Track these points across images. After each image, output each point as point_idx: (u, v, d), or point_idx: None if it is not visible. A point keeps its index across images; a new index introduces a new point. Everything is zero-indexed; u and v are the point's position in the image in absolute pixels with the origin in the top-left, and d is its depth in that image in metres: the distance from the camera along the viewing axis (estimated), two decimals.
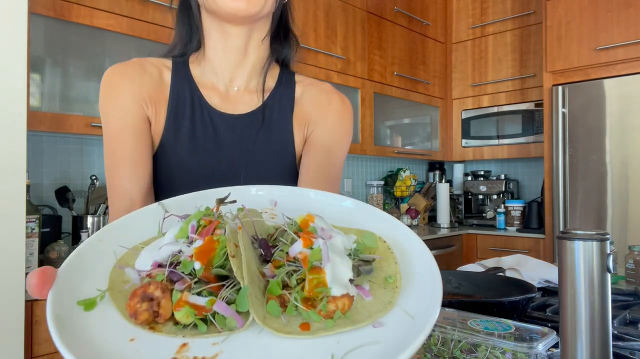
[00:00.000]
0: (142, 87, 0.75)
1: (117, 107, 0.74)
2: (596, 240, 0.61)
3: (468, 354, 0.71)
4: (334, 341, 0.36)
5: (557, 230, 2.78)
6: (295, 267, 0.41)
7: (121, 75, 0.75)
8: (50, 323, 0.35)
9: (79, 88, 1.80)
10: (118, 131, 0.74)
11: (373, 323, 0.37)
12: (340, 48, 2.79)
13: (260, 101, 0.80)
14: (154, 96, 0.76)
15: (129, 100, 0.74)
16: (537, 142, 3.19)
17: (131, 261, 0.44)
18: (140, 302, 0.37)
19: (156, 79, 0.77)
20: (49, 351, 1.41)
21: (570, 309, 0.62)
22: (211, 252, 0.40)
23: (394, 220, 0.50)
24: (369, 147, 2.99)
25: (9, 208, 1.30)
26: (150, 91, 0.76)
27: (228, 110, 0.79)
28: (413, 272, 0.43)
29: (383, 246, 0.47)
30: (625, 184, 2.55)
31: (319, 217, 0.45)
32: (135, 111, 0.75)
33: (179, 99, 0.77)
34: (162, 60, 0.81)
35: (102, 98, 0.76)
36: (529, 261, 1.50)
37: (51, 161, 1.98)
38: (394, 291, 0.41)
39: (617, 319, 0.99)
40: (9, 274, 1.29)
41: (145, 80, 0.76)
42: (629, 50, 2.56)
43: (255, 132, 0.78)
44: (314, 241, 0.42)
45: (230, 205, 0.50)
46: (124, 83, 0.75)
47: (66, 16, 1.73)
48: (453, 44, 3.61)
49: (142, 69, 0.77)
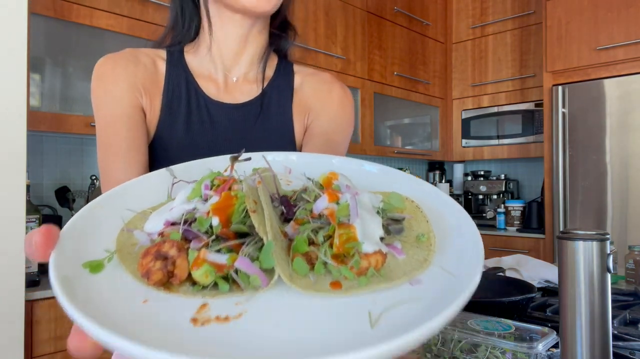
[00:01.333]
0: (135, 77, 0.73)
1: (109, 97, 0.72)
2: (596, 240, 0.61)
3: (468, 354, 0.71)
4: (369, 300, 0.33)
5: (557, 230, 2.78)
6: (321, 224, 0.38)
7: (113, 64, 0.73)
8: (55, 285, 0.31)
9: (79, 88, 1.80)
10: (111, 121, 0.71)
11: (410, 281, 0.35)
12: (340, 48, 2.79)
13: (259, 90, 0.78)
14: (149, 86, 0.74)
15: (122, 89, 0.72)
16: (537, 142, 3.19)
17: (139, 224, 0.41)
18: (154, 261, 0.34)
19: (150, 69, 0.76)
20: (49, 351, 1.41)
21: (570, 309, 0.62)
22: (229, 208, 0.37)
23: (423, 182, 0.47)
24: (369, 147, 2.99)
25: (9, 208, 1.30)
26: (145, 80, 0.74)
27: (226, 99, 0.77)
28: (447, 231, 0.40)
29: (411, 206, 0.44)
30: (625, 184, 2.55)
31: (342, 176, 0.43)
32: (128, 100, 0.72)
33: (175, 89, 0.75)
34: (156, 51, 0.79)
35: (93, 89, 0.73)
36: (529, 261, 1.50)
37: (51, 161, 1.98)
38: (428, 249, 0.38)
39: (617, 319, 0.99)
40: (9, 274, 1.29)
41: (140, 69, 0.74)
42: (629, 50, 2.56)
43: (254, 121, 0.77)
44: (340, 196, 0.39)
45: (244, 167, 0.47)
46: (117, 72, 0.73)
47: (66, 16, 1.73)
48: (453, 44, 3.61)
49: (135, 59, 0.75)
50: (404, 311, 0.31)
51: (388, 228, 0.40)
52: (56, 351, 1.42)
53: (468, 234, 0.38)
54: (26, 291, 1.34)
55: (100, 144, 0.72)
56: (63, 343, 1.43)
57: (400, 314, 0.31)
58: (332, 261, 0.35)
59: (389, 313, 0.31)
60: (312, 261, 0.36)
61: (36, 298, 1.38)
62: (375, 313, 0.31)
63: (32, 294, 1.37)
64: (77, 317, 0.29)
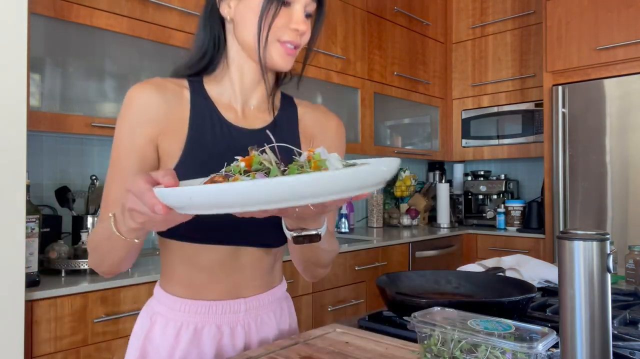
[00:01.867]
0: (159, 108, 0.84)
1: (130, 128, 0.83)
2: (596, 240, 0.61)
3: (468, 354, 0.71)
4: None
5: (557, 230, 2.78)
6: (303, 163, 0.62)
7: (140, 94, 0.84)
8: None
9: (79, 88, 1.80)
10: (126, 151, 0.83)
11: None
12: (340, 48, 2.79)
13: (271, 118, 0.93)
14: (175, 113, 0.85)
15: (143, 123, 0.83)
16: (537, 142, 3.19)
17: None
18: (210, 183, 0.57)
19: (177, 96, 0.87)
20: (49, 351, 1.41)
21: (570, 309, 0.62)
22: (251, 160, 0.61)
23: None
24: (369, 147, 2.99)
25: (9, 208, 1.30)
26: (171, 108, 0.85)
27: (244, 125, 0.90)
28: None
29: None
30: (625, 184, 2.55)
31: (322, 149, 0.64)
32: (147, 135, 0.83)
33: (199, 114, 0.86)
34: (179, 80, 0.90)
35: (120, 115, 0.84)
36: (529, 261, 1.50)
37: (51, 161, 1.98)
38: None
39: (617, 319, 0.99)
40: (9, 274, 1.29)
41: (168, 98, 0.85)
42: (629, 50, 2.56)
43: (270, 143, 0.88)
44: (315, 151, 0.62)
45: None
46: (143, 103, 0.83)
47: (66, 16, 1.73)
48: (453, 44, 3.61)
49: (164, 88, 0.86)
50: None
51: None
52: (56, 351, 1.42)
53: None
54: (26, 291, 1.34)
55: (112, 165, 0.84)
56: (63, 343, 1.43)
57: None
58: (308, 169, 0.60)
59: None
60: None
61: (36, 298, 1.38)
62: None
63: (32, 294, 1.37)
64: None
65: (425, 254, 2.86)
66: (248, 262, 0.90)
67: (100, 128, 1.80)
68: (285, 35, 0.83)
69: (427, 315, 0.80)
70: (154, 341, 0.88)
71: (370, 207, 3.33)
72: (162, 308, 0.89)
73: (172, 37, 2.02)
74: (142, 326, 0.91)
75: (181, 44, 2.05)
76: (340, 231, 2.95)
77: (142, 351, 0.88)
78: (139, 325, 0.92)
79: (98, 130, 1.80)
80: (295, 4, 0.83)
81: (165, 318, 0.88)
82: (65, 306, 1.44)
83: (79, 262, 1.61)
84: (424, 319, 0.78)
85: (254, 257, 0.90)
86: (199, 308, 0.87)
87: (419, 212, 3.42)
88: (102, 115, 1.85)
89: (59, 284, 1.47)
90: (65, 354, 1.44)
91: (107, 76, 1.88)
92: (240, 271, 0.89)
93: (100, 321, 1.49)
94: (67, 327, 1.44)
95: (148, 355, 0.88)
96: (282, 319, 0.97)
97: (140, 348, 0.88)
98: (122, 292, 1.55)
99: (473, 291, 1.20)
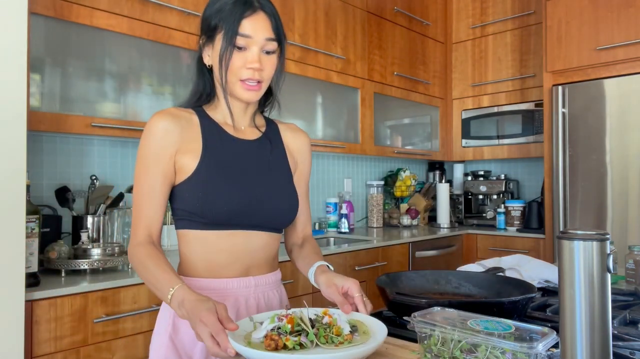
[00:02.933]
0: (174, 133, 1.04)
1: (154, 152, 1.02)
2: (596, 240, 0.61)
3: (468, 354, 0.71)
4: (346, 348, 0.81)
5: (557, 230, 2.78)
6: (325, 325, 0.85)
7: (158, 122, 1.03)
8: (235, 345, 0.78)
9: (79, 88, 1.80)
10: (153, 172, 1.02)
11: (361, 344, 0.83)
12: (340, 48, 2.79)
13: (260, 133, 1.16)
14: (189, 134, 1.06)
15: (164, 147, 1.03)
16: (537, 142, 3.18)
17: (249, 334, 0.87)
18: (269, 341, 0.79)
19: (189, 122, 1.08)
20: (49, 351, 1.41)
21: (570, 309, 0.62)
22: (292, 321, 0.83)
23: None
24: (369, 147, 2.99)
25: (9, 208, 1.30)
26: (185, 131, 1.06)
27: (243, 137, 1.13)
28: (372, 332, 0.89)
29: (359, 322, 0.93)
30: (625, 184, 2.55)
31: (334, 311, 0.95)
32: (167, 158, 1.03)
33: (208, 132, 1.08)
34: (187, 110, 1.11)
35: (142, 139, 1.04)
36: (529, 261, 1.50)
37: (51, 161, 1.98)
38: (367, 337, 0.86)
39: (617, 319, 0.99)
40: (9, 274, 1.29)
41: (182, 123, 1.06)
42: (629, 50, 2.56)
43: (269, 152, 1.14)
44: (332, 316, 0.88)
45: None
46: (161, 132, 1.03)
47: (66, 16, 1.73)
48: (453, 44, 3.61)
49: (178, 116, 1.06)
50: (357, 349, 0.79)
51: (351, 328, 0.86)
52: (56, 351, 1.42)
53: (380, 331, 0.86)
54: (26, 291, 1.34)
55: (138, 184, 1.03)
56: (63, 343, 1.43)
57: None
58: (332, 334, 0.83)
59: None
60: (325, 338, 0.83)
61: (36, 298, 1.38)
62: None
63: (32, 294, 1.37)
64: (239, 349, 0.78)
65: (425, 254, 2.86)
66: (258, 245, 1.10)
67: (100, 128, 1.80)
68: (243, 74, 1.03)
69: (427, 315, 0.80)
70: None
71: (370, 207, 3.33)
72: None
73: (172, 37, 2.02)
74: (167, 307, 1.06)
75: (181, 44, 2.05)
76: (340, 231, 2.95)
77: (174, 324, 1.04)
78: (166, 305, 1.06)
79: (98, 130, 1.80)
80: (252, 47, 1.02)
81: None
82: (65, 306, 1.44)
83: (79, 262, 1.61)
84: (424, 319, 0.78)
85: (263, 240, 1.11)
86: (219, 284, 1.06)
87: (419, 212, 3.42)
88: (102, 115, 1.85)
89: (59, 284, 1.47)
90: (65, 354, 1.44)
91: (107, 76, 1.88)
92: (251, 253, 1.10)
93: (100, 321, 1.49)
94: (67, 327, 1.44)
95: (180, 329, 1.04)
96: (282, 297, 1.18)
97: (171, 318, 1.04)
98: (122, 292, 1.55)
99: (473, 291, 1.20)
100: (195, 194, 1.03)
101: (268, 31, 1.03)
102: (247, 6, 1.01)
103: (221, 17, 1.02)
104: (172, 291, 0.90)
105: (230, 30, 1.00)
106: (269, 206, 1.09)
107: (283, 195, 1.13)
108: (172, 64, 2.07)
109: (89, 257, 1.67)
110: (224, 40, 1.01)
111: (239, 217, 1.06)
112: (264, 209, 1.08)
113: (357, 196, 3.39)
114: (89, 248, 1.69)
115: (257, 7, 1.02)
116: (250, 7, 1.02)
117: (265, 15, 1.03)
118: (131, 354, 1.57)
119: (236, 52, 1.02)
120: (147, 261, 0.98)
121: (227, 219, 1.05)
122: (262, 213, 1.08)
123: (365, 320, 0.92)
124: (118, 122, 1.87)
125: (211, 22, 1.04)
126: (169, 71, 2.06)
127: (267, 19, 1.03)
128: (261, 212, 1.08)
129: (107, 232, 1.92)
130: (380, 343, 0.81)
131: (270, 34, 1.03)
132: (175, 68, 2.08)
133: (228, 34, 1.00)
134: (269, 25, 1.03)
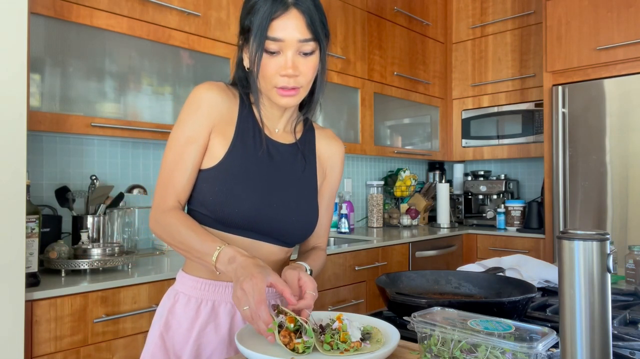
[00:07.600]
0: (217, 108, 0.99)
1: (194, 120, 0.97)
2: (596, 240, 0.61)
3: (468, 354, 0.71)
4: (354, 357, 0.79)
5: (557, 230, 2.78)
6: (334, 332, 0.83)
7: (207, 93, 0.98)
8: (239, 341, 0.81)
9: (79, 88, 1.80)
10: (189, 141, 0.97)
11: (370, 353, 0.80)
12: (340, 48, 2.79)
13: (294, 139, 1.09)
14: (225, 117, 1.00)
15: (205, 117, 0.98)
16: (537, 142, 3.19)
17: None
18: (285, 333, 0.81)
19: (232, 102, 1.02)
20: (49, 351, 1.41)
21: (570, 309, 0.62)
22: (293, 321, 0.82)
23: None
24: (369, 147, 2.99)
25: (9, 208, 1.30)
26: (225, 112, 1.00)
27: (276, 139, 1.06)
28: (385, 337, 0.87)
29: (373, 328, 0.90)
30: (625, 184, 2.55)
31: (345, 316, 0.88)
32: (206, 128, 0.98)
33: (244, 122, 1.02)
34: (234, 90, 1.05)
35: (185, 106, 0.99)
36: (529, 261, 1.50)
37: (51, 161, 1.98)
38: (378, 344, 0.83)
39: (617, 319, 0.99)
40: (9, 274, 1.29)
41: (225, 102, 1.00)
42: (629, 50, 2.56)
43: (298, 161, 1.08)
44: (343, 321, 0.85)
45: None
46: (208, 101, 0.98)
47: (66, 16, 1.73)
48: (453, 44, 3.61)
49: (225, 92, 1.01)
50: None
51: (364, 335, 0.85)
52: (56, 351, 1.42)
53: (394, 338, 0.85)
54: (26, 291, 1.34)
55: (172, 148, 0.98)
56: (63, 343, 1.43)
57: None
58: (338, 340, 0.81)
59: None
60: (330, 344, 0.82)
61: (36, 298, 1.38)
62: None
63: (32, 294, 1.37)
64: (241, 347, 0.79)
65: (425, 254, 2.86)
66: (264, 255, 1.03)
67: (100, 128, 1.80)
68: (278, 82, 0.94)
69: (427, 315, 0.80)
70: (177, 315, 1.02)
71: (370, 207, 3.33)
72: (185, 287, 1.04)
73: (171, 37, 2.02)
74: (165, 304, 1.05)
75: (181, 44, 2.05)
76: (340, 231, 2.95)
77: (165, 322, 1.01)
78: (162, 303, 1.06)
79: (98, 130, 1.80)
80: (285, 51, 0.92)
81: (187, 295, 1.03)
82: (65, 306, 1.44)
83: (79, 262, 1.61)
84: (424, 319, 0.78)
85: (270, 251, 1.05)
86: (218, 288, 1.02)
87: (419, 212, 3.42)
88: (102, 115, 1.85)
89: (59, 284, 1.47)
90: (65, 354, 1.44)
91: (107, 76, 1.88)
92: None
93: (100, 321, 1.49)
94: (67, 327, 1.44)
95: (171, 327, 1.01)
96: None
97: (164, 317, 1.02)
98: (122, 292, 1.55)
99: (473, 291, 1.20)
100: (212, 188, 0.98)
101: (302, 31, 0.92)
102: (278, 4, 0.90)
103: (252, 18, 0.92)
104: (220, 248, 0.88)
105: (259, 33, 0.91)
106: (284, 220, 1.02)
107: (301, 211, 1.05)
108: (172, 64, 2.07)
109: (89, 258, 1.67)
110: (254, 44, 0.92)
111: (250, 224, 1.00)
112: (277, 221, 1.01)
113: (357, 196, 3.39)
114: (89, 248, 1.69)
115: (289, 4, 0.91)
116: (282, 6, 0.90)
117: (298, 13, 0.91)
118: (131, 354, 1.57)
119: (268, 57, 0.93)
120: (183, 223, 0.93)
121: (238, 223, 0.99)
122: (274, 225, 1.02)
123: (384, 328, 0.89)
124: (118, 122, 1.87)
125: (244, 22, 0.96)
126: (169, 71, 2.06)
127: (301, 17, 0.91)
128: (274, 224, 1.01)
129: (107, 232, 1.92)
130: (384, 353, 0.77)
131: (305, 34, 0.92)
132: (175, 68, 2.08)
133: (257, 37, 0.91)
134: (303, 23, 0.91)
